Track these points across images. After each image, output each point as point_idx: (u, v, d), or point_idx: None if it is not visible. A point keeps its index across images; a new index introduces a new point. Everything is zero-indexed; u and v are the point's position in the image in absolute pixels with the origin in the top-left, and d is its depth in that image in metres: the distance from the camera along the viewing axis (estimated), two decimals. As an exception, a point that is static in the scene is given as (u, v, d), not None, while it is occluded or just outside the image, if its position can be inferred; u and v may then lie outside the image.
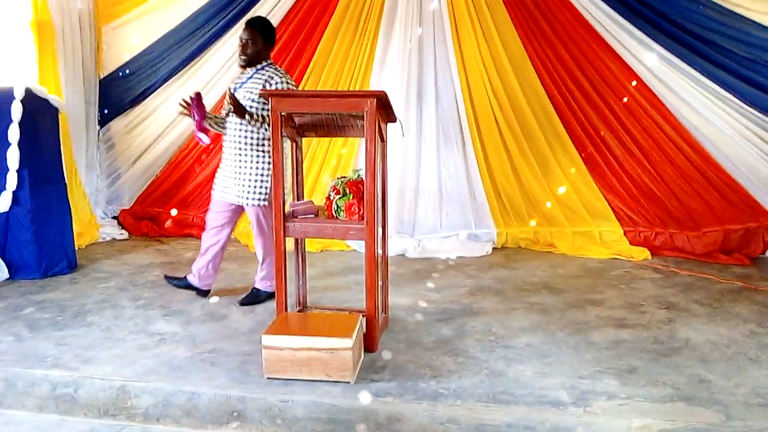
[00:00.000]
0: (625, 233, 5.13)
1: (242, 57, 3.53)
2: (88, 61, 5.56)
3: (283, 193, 3.07)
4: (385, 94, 3.01)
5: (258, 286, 3.84)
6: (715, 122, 4.81)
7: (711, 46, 4.65)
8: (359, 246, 5.02)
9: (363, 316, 3.03)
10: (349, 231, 3.10)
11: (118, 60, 5.71)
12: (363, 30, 5.40)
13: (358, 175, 3.21)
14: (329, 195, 3.23)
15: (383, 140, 3.26)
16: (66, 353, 3.04)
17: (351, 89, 5.32)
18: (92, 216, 5.55)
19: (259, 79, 3.50)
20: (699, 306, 3.78)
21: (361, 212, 3.07)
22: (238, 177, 3.54)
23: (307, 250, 3.62)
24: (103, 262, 4.76)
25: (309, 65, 5.47)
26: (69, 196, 4.65)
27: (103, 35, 5.67)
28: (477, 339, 3.23)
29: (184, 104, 3.49)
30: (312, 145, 5.40)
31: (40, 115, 4.35)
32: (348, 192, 3.16)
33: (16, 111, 4.13)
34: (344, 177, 3.28)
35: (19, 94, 4.13)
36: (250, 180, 3.52)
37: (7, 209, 4.21)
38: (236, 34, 5.38)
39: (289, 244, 3.24)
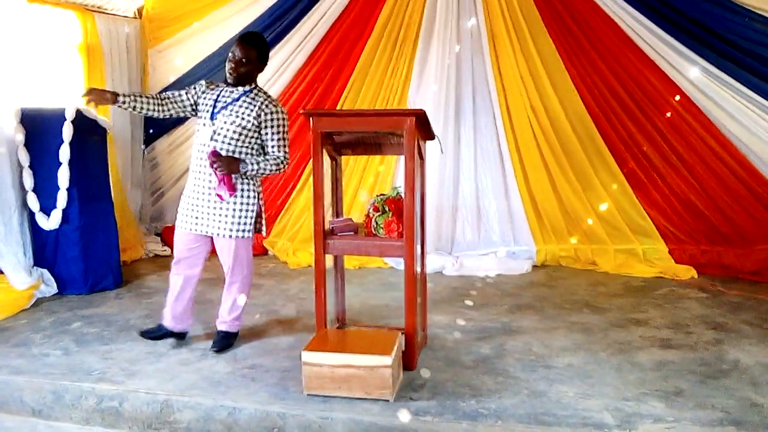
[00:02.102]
0: (669, 251, 4.99)
1: (232, 75, 3.17)
2: (134, 83, 5.74)
3: (323, 211, 3.10)
4: (424, 112, 3.03)
5: (228, 328, 3.41)
6: (761, 136, 4.66)
7: (757, 59, 4.53)
8: (397, 263, 5.02)
9: (402, 333, 3.03)
10: (388, 248, 3.11)
11: (163, 82, 5.89)
12: (401, 48, 5.46)
13: (397, 193, 3.23)
14: (368, 212, 3.25)
15: (422, 158, 3.27)
16: (112, 367, 3.12)
17: (389, 107, 5.36)
18: (137, 232, 5.69)
19: (250, 104, 3.15)
20: (749, 327, 3.64)
21: (400, 230, 3.08)
22: (217, 207, 3.15)
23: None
24: (146, 278, 4.87)
25: (347, 84, 5.54)
26: (115, 214, 4.79)
27: (149, 58, 5.85)
28: (517, 358, 3.18)
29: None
30: (349, 162, 5.45)
31: (90, 135, 4.50)
32: (387, 209, 3.17)
33: (68, 132, 4.29)
34: (383, 194, 3.30)
35: (70, 116, 4.29)
36: (233, 210, 3.15)
37: (57, 226, 4.35)
38: (276, 55, 5.55)
39: (328, 261, 3.26)
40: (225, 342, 3.37)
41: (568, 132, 5.21)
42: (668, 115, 5.00)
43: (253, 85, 3.25)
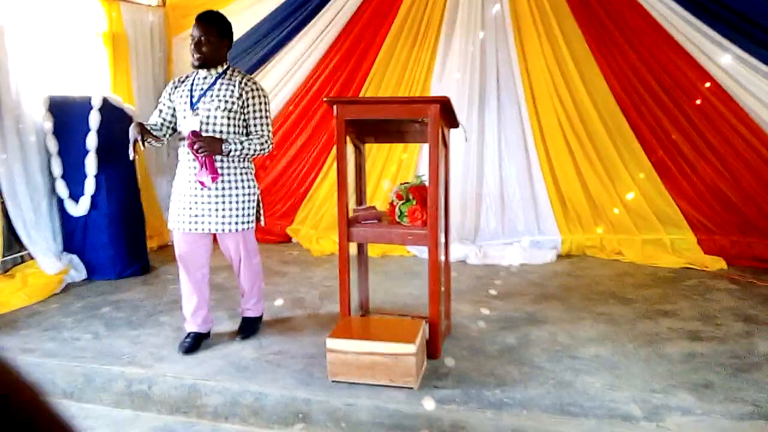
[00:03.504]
0: (698, 241, 4.90)
1: (197, 56, 3.03)
2: (158, 71, 5.78)
3: (347, 199, 3.10)
4: (449, 99, 3.00)
5: (252, 313, 3.42)
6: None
7: (792, 45, 4.41)
8: (420, 251, 5.01)
9: (426, 322, 3.02)
10: (412, 236, 3.10)
11: (186, 70, 5.87)
12: (423, 36, 5.41)
13: (421, 181, 3.21)
14: (392, 200, 3.23)
15: (446, 146, 3.24)
16: (140, 351, 3.17)
17: (412, 95, 5.33)
18: (162, 220, 5.76)
19: (230, 85, 3.06)
20: (780, 319, 3.57)
21: (424, 218, 3.06)
22: (218, 202, 3.04)
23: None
24: (172, 265, 4.89)
25: (370, 72, 5.52)
26: (141, 200, 4.85)
27: (173, 46, 5.88)
28: (543, 348, 3.16)
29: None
30: (372, 150, 5.43)
31: (116, 124, 4.54)
32: (411, 197, 3.15)
33: (95, 120, 4.34)
34: (407, 182, 3.28)
35: (96, 104, 4.35)
36: (235, 203, 3.06)
37: (86, 213, 4.42)
38: (297, 44, 5.55)
39: (352, 249, 3.26)
40: (251, 328, 3.39)
41: (595, 119, 5.14)
42: (698, 102, 4.89)
43: (226, 66, 3.13)
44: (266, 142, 3.10)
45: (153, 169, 5.67)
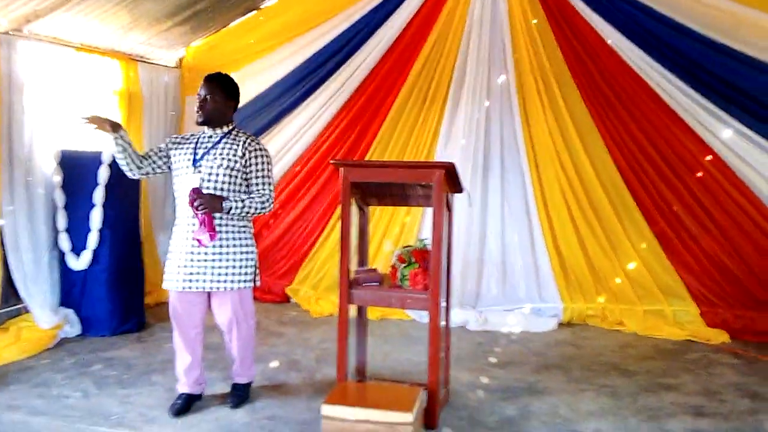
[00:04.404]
0: (701, 313, 4.84)
1: (200, 113, 3.08)
2: (170, 129, 5.89)
3: (349, 261, 3.09)
4: (454, 165, 3.05)
5: (242, 380, 3.31)
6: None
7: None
8: (419, 316, 4.96)
9: (424, 389, 2.96)
10: (413, 300, 3.07)
11: (198, 128, 6.03)
12: (431, 102, 5.52)
13: (424, 245, 3.21)
14: (394, 263, 3.23)
15: (449, 210, 3.26)
16: (130, 412, 3.09)
17: (418, 159, 5.41)
18: (162, 276, 5.73)
19: (233, 144, 3.07)
20: (787, 397, 3.48)
21: (425, 281, 3.05)
22: (214, 260, 3.00)
23: (367, 318, 3.58)
24: (168, 322, 4.78)
25: (377, 136, 5.61)
26: (143, 256, 4.85)
27: (187, 105, 6.02)
28: (543, 421, 3.08)
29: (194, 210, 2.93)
30: (375, 212, 5.46)
31: (124, 178, 4.58)
32: (413, 261, 3.15)
33: (104, 174, 4.40)
34: (409, 246, 3.29)
35: (107, 159, 4.41)
36: (232, 261, 3.02)
37: (86, 267, 4.41)
38: (309, 106, 5.69)
39: (352, 311, 3.23)
40: (242, 395, 3.27)
41: (597, 189, 5.18)
42: (699, 174, 4.95)
43: (231, 126, 3.16)
44: (267, 201, 3.08)
45: (156, 224, 5.70)
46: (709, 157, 4.89)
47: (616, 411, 3.23)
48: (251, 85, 5.76)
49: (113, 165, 4.43)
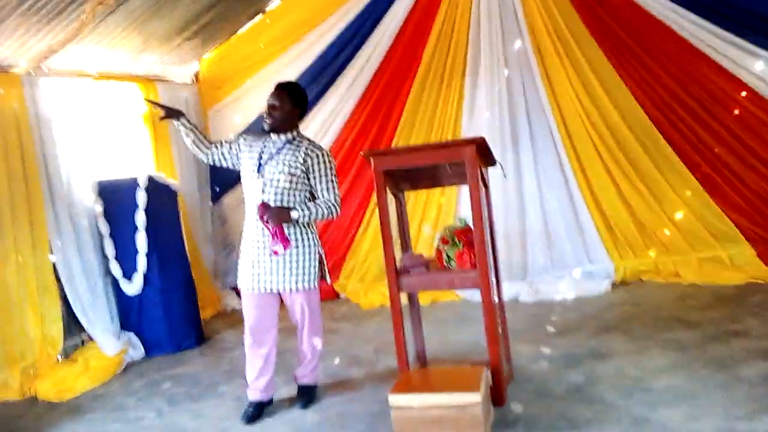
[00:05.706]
0: (758, 254, 4.70)
1: (267, 121, 3.15)
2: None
3: (392, 249, 3.08)
4: (483, 139, 3.01)
5: (311, 381, 3.38)
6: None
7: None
8: (469, 295, 4.94)
9: (487, 368, 2.94)
10: (463, 280, 3.06)
11: (222, 137, 6.10)
12: (449, 79, 5.47)
13: (465, 223, 3.19)
14: (438, 246, 3.21)
15: (486, 185, 3.23)
16: (204, 425, 3.17)
17: (444, 139, 5.37)
18: (213, 288, 5.84)
19: (296, 151, 3.12)
20: None
21: (472, 260, 3.03)
22: (279, 261, 3.08)
23: (419, 303, 3.58)
24: (227, 332, 4.96)
25: (400, 121, 5.59)
26: (191, 272, 4.95)
27: (209, 119, 6.10)
28: (612, 384, 3.04)
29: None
30: (410, 197, 5.44)
31: (162, 199, 4.70)
32: (457, 241, 3.13)
33: (142, 199, 4.49)
34: (450, 226, 3.27)
35: (143, 183, 4.50)
36: (296, 262, 3.10)
37: (140, 291, 4.52)
38: (331, 98, 5.68)
39: (403, 299, 3.22)
40: (310, 396, 3.32)
41: (632, 143, 5.07)
42: (736, 112, 4.80)
43: (296, 133, 3.21)
44: (334, 206, 3.13)
45: (200, 239, 5.79)
46: (743, 93, 4.74)
47: (685, 364, 3.17)
48: (266, 89, 5.73)
49: (149, 188, 4.53)
